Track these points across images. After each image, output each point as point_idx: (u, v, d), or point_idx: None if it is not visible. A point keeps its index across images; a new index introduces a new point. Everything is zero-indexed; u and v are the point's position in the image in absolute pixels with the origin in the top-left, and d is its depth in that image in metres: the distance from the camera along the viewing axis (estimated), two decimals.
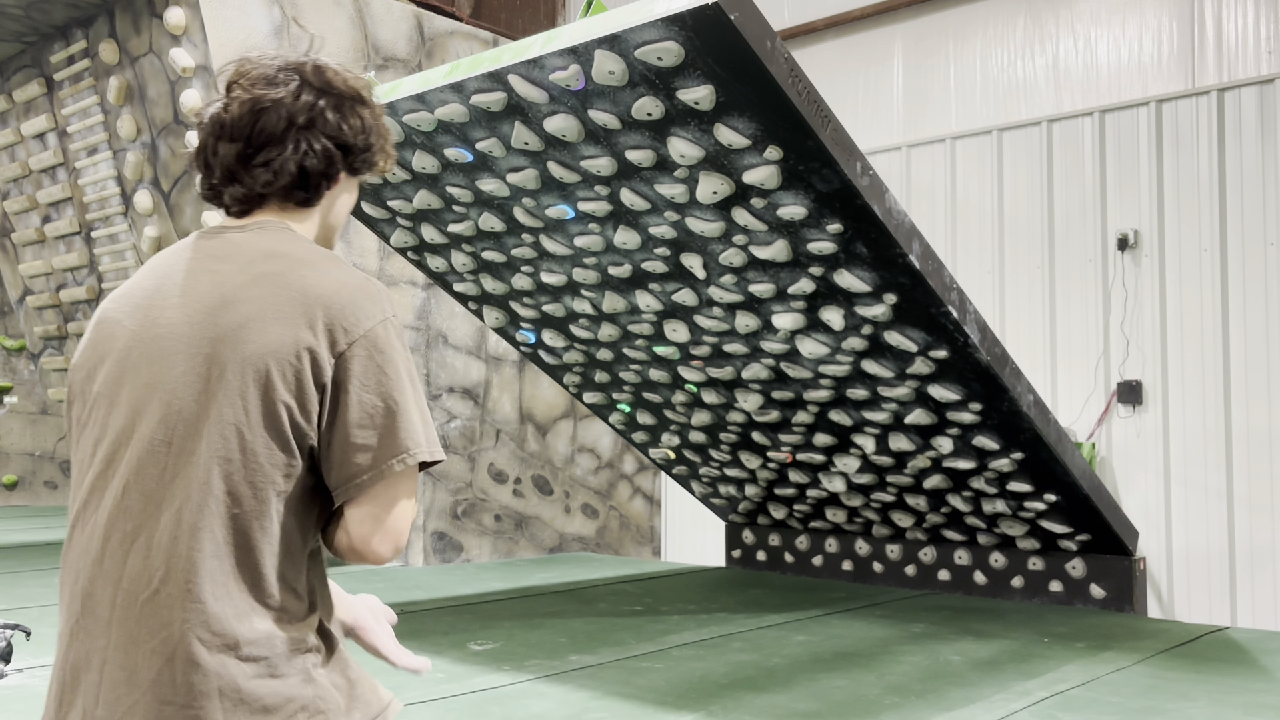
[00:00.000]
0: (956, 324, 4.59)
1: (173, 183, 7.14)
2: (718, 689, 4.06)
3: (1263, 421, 6.58)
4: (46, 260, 8.46)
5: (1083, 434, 7.20)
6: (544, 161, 4.63)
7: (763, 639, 5.01)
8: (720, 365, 5.61)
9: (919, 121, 8.28)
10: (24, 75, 8.19)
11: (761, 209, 4.36)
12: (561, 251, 5.24)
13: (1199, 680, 4.26)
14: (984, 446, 5.31)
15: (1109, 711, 3.80)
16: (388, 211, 5.62)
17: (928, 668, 4.47)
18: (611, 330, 5.73)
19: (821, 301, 4.79)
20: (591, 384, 6.47)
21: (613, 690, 4.05)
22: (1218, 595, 6.68)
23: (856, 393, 5.33)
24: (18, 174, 8.45)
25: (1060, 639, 5.04)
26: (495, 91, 4.31)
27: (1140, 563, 5.82)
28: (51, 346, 8.97)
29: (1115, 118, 7.23)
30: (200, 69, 6.74)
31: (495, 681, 4.21)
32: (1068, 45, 7.59)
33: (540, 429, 8.56)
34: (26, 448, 13.01)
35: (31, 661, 4.48)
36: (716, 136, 4.07)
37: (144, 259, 7.58)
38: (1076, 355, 7.32)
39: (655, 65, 3.82)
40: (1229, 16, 6.93)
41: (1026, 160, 7.60)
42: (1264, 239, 6.63)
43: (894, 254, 4.36)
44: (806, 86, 3.88)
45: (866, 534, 6.67)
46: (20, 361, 12.97)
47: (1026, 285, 7.55)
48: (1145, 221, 7.08)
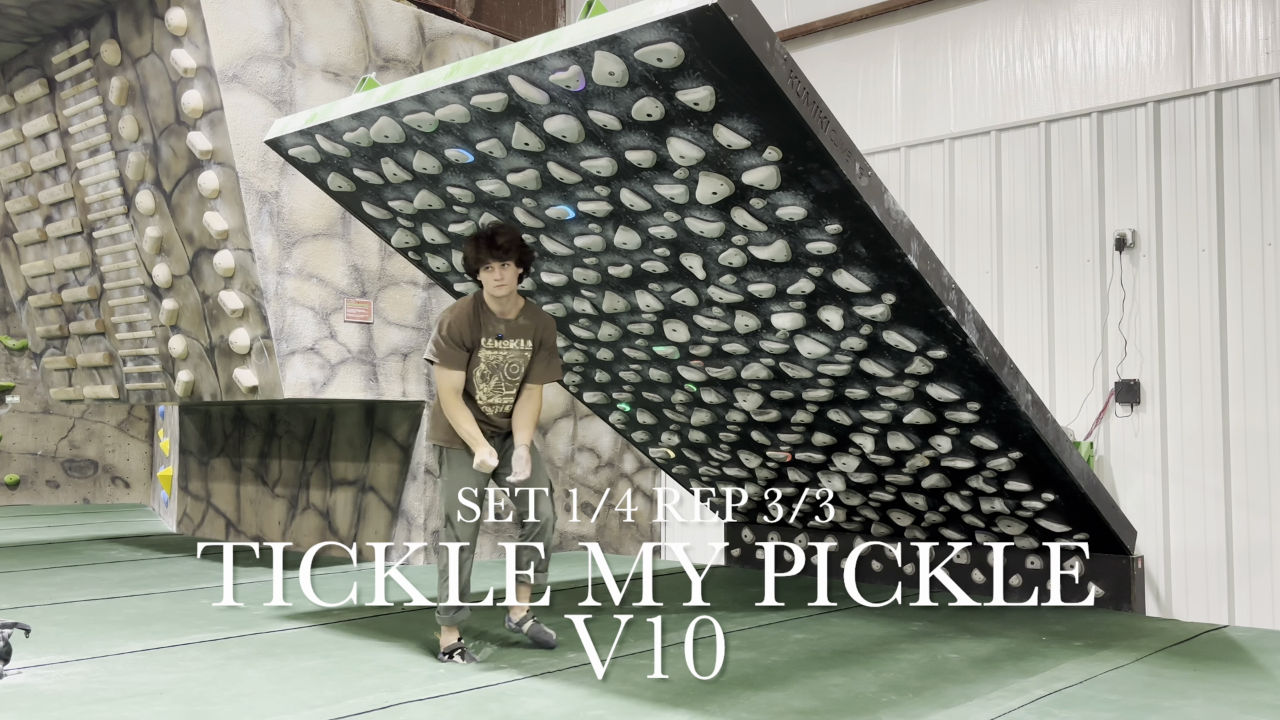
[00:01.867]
0: (955, 324, 4.61)
1: (174, 183, 7.15)
2: (716, 687, 4.08)
3: (1260, 421, 6.60)
4: (48, 260, 8.48)
5: (1081, 433, 7.22)
6: (544, 162, 4.65)
7: (761, 637, 5.03)
8: (720, 365, 5.63)
9: (918, 122, 8.30)
10: (26, 76, 8.21)
11: (761, 209, 4.38)
12: (562, 251, 5.26)
13: (1196, 678, 4.28)
14: (982, 446, 5.33)
15: (1106, 709, 3.82)
16: (389, 212, 5.64)
17: (925, 666, 4.49)
18: (611, 330, 5.75)
19: (820, 301, 4.80)
20: (591, 383, 6.49)
21: (611, 688, 4.07)
22: (1215, 594, 6.70)
23: (855, 392, 5.35)
24: (20, 174, 8.47)
25: (1058, 637, 5.06)
26: (496, 92, 4.33)
27: (1138, 561, 5.84)
28: (53, 346, 8.99)
29: (1113, 118, 7.25)
30: (202, 70, 6.75)
31: (494, 679, 4.23)
32: (1066, 46, 7.61)
33: (540, 428, 8.58)
34: (28, 447, 13.03)
35: (32, 660, 4.50)
36: (716, 137, 4.09)
37: (145, 259, 7.60)
38: (1074, 355, 7.34)
39: (655, 66, 3.84)
40: (1227, 17, 6.95)
41: (1025, 161, 7.62)
42: (1261, 239, 6.65)
43: (893, 254, 4.38)
44: (806, 87, 3.90)
45: (865, 532, 6.69)
46: (22, 361, 12.99)
47: (1025, 285, 7.57)
48: (1143, 221, 7.10)
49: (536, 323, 4.76)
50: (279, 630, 5.21)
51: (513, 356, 4.70)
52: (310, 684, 4.16)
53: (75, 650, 4.74)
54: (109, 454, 13.45)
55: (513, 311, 4.69)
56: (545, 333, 4.77)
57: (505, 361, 4.68)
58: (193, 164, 6.97)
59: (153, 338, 7.86)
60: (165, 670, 4.39)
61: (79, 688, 4.10)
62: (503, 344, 4.66)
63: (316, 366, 7.05)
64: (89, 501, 13.26)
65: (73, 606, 5.91)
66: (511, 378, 4.71)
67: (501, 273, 4.54)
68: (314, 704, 3.87)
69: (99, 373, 8.60)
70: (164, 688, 4.10)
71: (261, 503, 9.09)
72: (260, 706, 3.84)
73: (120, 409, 13.47)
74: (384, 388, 7.46)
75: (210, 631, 5.15)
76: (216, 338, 7.24)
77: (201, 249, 7.13)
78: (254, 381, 7.03)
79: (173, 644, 4.89)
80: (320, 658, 4.63)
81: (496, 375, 4.68)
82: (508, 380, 4.70)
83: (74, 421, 13.25)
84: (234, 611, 5.66)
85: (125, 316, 8.01)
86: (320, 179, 5.61)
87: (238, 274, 6.95)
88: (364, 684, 4.17)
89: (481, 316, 4.65)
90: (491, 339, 4.63)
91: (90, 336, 8.50)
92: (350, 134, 5.05)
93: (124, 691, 4.04)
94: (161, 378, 7.96)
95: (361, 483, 8.22)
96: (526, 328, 4.71)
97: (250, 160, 6.77)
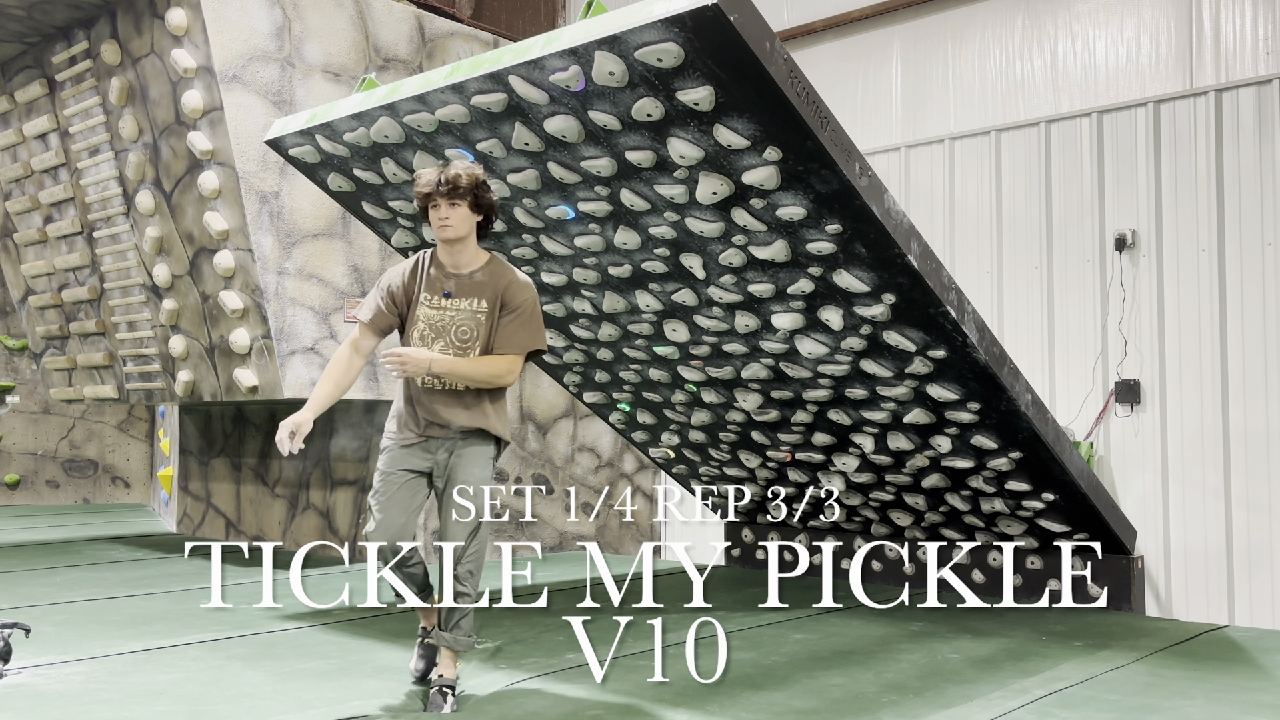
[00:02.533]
0: (955, 324, 4.61)
1: (174, 183, 7.15)
2: (716, 687, 4.08)
3: (1260, 421, 6.60)
4: (49, 260, 8.48)
5: (1081, 433, 7.21)
6: (544, 162, 4.65)
7: (761, 637, 5.03)
8: (720, 365, 5.63)
9: (917, 122, 8.30)
10: (26, 76, 8.21)
11: (761, 209, 4.38)
12: (562, 251, 5.26)
13: (1196, 678, 4.28)
14: (982, 446, 5.33)
15: (1106, 709, 3.82)
16: (389, 212, 5.65)
17: (926, 666, 4.48)
18: (611, 330, 5.75)
19: (820, 301, 4.80)
20: (592, 383, 6.49)
21: (610, 688, 4.07)
22: (1215, 594, 6.70)
23: (855, 392, 5.35)
24: (20, 174, 8.47)
25: (1058, 637, 5.06)
26: (496, 92, 4.33)
27: (1138, 561, 5.84)
28: (53, 346, 8.99)
29: (1113, 118, 7.25)
30: (202, 70, 6.76)
31: (493, 680, 4.22)
32: (1066, 46, 7.61)
33: (540, 428, 8.59)
34: (29, 447, 13.02)
35: (32, 660, 4.50)
36: (716, 137, 4.09)
37: (146, 259, 7.60)
38: (1074, 355, 7.34)
39: (655, 66, 3.84)
40: (1227, 17, 6.95)
41: (1025, 161, 7.62)
42: (1261, 239, 6.65)
43: (893, 254, 4.38)
44: (806, 87, 3.90)
45: (865, 533, 6.69)
46: (22, 361, 12.99)
47: (1025, 285, 7.57)
48: (1143, 222, 7.10)
49: (497, 280, 3.98)
50: (279, 630, 5.21)
51: (461, 318, 3.94)
52: (311, 685, 4.16)
53: (75, 650, 4.73)
54: (109, 454, 13.45)
55: (468, 265, 3.97)
56: (510, 292, 3.98)
57: (452, 323, 3.94)
58: (193, 164, 6.97)
59: (153, 338, 7.86)
60: (165, 670, 4.39)
61: (79, 688, 4.10)
62: (450, 303, 3.95)
63: (317, 366, 7.05)
64: (89, 501, 13.26)
65: (73, 606, 5.90)
66: (460, 343, 3.94)
67: (449, 212, 3.86)
68: (314, 705, 3.87)
69: (99, 373, 8.60)
70: (164, 688, 4.10)
71: (261, 503, 9.09)
72: (261, 707, 3.84)
73: (120, 409, 13.47)
74: (384, 388, 7.46)
75: (210, 631, 5.15)
76: (216, 338, 7.24)
77: (201, 249, 7.13)
78: (254, 381, 7.03)
79: (173, 644, 4.89)
80: (320, 658, 4.62)
81: (441, 339, 3.94)
82: (455, 346, 3.94)
83: (74, 421, 13.25)
84: (234, 612, 5.66)
85: (125, 316, 8.01)
86: (320, 179, 5.61)
87: (238, 274, 6.95)
88: (364, 685, 4.16)
89: (427, 268, 4.01)
90: (436, 295, 3.96)
91: (90, 336, 8.50)
92: (350, 134, 5.05)
93: (124, 691, 4.04)
94: (161, 378, 7.96)
95: (361, 483, 8.22)
96: (482, 285, 3.96)
97: (250, 160, 6.77)
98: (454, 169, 3.85)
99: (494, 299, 3.95)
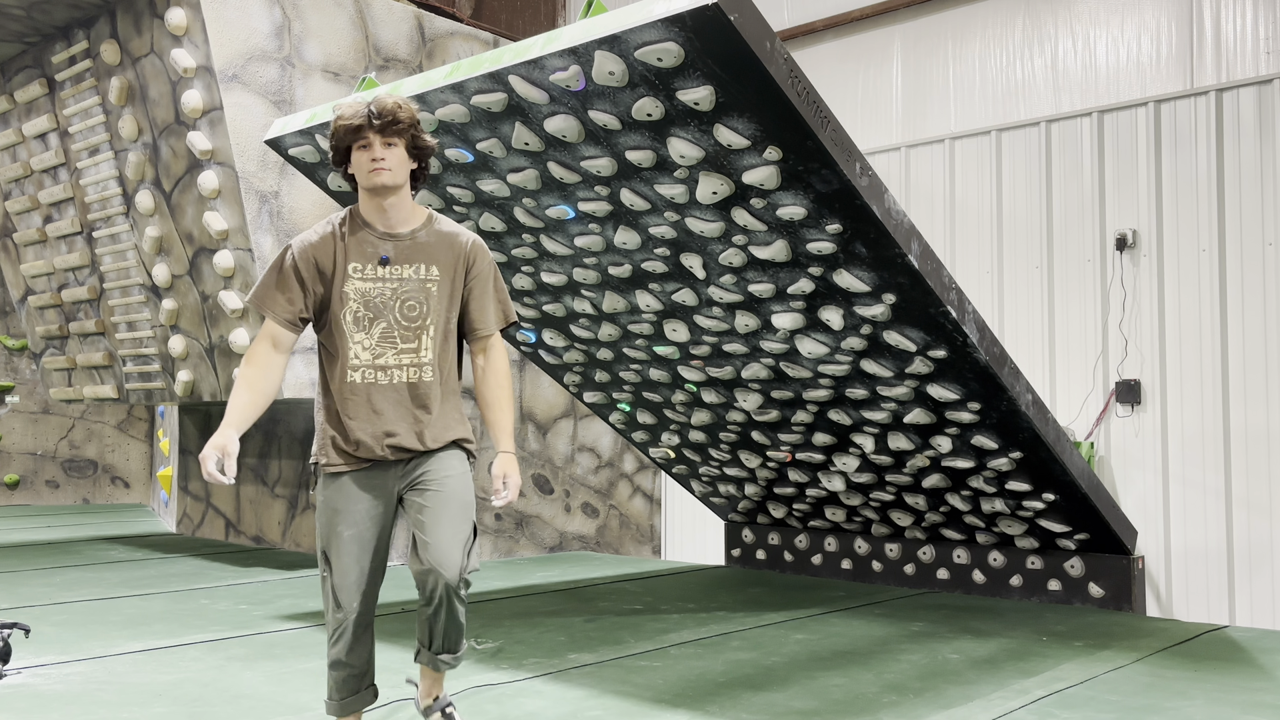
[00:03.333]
0: (955, 324, 4.60)
1: (174, 183, 7.15)
2: (716, 687, 4.08)
3: (1261, 421, 6.60)
4: (48, 260, 8.48)
5: (1081, 433, 7.21)
6: (544, 162, 4.64)
7: (761, 637, 5.03)
8: (720, 365, 5.63)
9: (918, 122, 8.30)
10: (25, 75, 8.21)
11: (761, 209, 4.38)
12: (562, 251, 5.25)
13: (1197, 679, 4.28)
14: (983, 446, 5.32)
15: (1107, 710, 3.82)
16: None
17: (926, 666, 4.48)
18: (612, 330, 5.75)
19: (821, 301, 4.80)
20: (592, 383, 6.49)
21: (610, 689, 4.07)
22: (1216, 594, 6.69)
23: (856, 392, 5.35)
24: (19, 174, 8.46)
25: (1058, 638, 5.06)
26: (496, 92, 4.33)
27: (1139, 562, 5.84)
28: (53, 346, 8.98)
29: (1114, 118, 7.25)
30: (201, 69, 6.75)
31: (492, 680, 4.22)
32: (1066, 46, 7.61)
33: (541, 428, 8.58)
34: (28, 447, 13.02)
35: (32, 660, 4.49)
36: (716, 137, 4.08)
37: (145, 259, 7.59)
38: (1075, 355, 7.34)
39: (655, 66, 3.84)
40: (1227, 17, 6.95)
41: (1025, 160, 7.61)
42: (1262, 239, 6.65)
43: (893, 254, 4.37)
44: (806, 87, 3.90)
45: (865, 533, 6.69)
46: (22, 361, 12.99)
47: (1025, 285, 7.57)
48: (1144, 221, 7.09)
49: (452, 241, 3.14)
50: (278, 631, 5.21)
51: (409, 289, 3.07)
52: (310, 685, 4.15)
53: (75, 650, 4.73)
54: (109, 454, 13.45)
55: (406, 224, 3.10)
56: (477, 253, 3.16)
57: (395, 298, 3.06)
58: (192, 164, 6.96)
59: (152, 338, 7.85)
60: (165, 671, 4.38)
61: (79, 688, 4.09)
62: (389, 271, 3.05)
63: (317, 366, 7.04)
64: (89, 501, 13.26)
65: (73, 606, 5.90)
66: (410, 324, 3.07)
67: (384, 152, 2.99)
68: (313, 705, 3.86)
69: (99, 373, 8.60)
70: (163, 688, 4.09)
71: (261, 503, 9.08)
72: (260, 708, 3.84)
73: (120, 409, 13.47)
74: None
75: (210, 632, 5.14)
76: (216, 338, 7.24)
77: (201, 249, 7.12)
78: None
79: (172, 644, 4.89)
80: (320, 659, 4.62)
81: (383, 320, 3.06)
82: (403, 328, 3.07)
83: (74, 421, 13.25)
84: (234, 612, 5.66)
85: (125, 316, 8.01)
86: (320, 179, 5.61)
87: (238, 274, 6.95)
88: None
89: (350, 231, 3.08)
90: (370, 264, 3.05)
91: (90, 336, 8.50)
92: None
93: (124, 692, 4.04)
94: (161, 378, 7.95)
95: None
96: (429, 248, 3.10)
97: (250, 160, 6.76)
98: (388, 99, 3.00)
99: (452, 264, 3.11)
